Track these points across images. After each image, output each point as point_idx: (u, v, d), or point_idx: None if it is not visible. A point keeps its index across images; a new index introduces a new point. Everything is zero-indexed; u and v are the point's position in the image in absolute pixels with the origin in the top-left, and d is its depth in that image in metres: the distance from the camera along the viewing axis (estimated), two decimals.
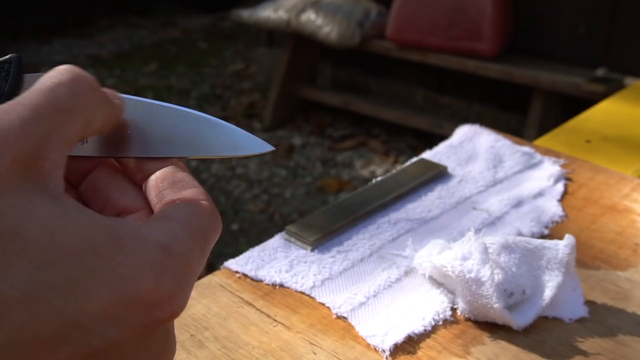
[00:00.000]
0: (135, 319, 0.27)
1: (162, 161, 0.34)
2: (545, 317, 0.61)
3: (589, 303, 0.63)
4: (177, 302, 0.28)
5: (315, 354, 0.57)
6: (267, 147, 0.34)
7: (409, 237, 0.71)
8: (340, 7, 3.10)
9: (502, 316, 0.58)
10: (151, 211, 0.33)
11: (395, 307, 0.62)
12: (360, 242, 0.71)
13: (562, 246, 0.62)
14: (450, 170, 0.84)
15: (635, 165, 0.94)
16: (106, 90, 0.31)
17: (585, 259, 0.70)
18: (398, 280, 0.65)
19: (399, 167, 0.85)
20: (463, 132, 0.92)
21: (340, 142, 3.24)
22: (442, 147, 0.90)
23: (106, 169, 0.34)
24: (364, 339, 0.58)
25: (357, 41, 3.02)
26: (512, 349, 0.58)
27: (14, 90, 0.31)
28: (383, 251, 0.69)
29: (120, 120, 0.33)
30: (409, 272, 0.66)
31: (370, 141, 3.23)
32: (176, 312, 0.28)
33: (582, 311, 0.62)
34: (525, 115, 2.85)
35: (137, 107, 0.33)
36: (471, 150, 0.89)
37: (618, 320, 0.61)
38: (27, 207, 0.26)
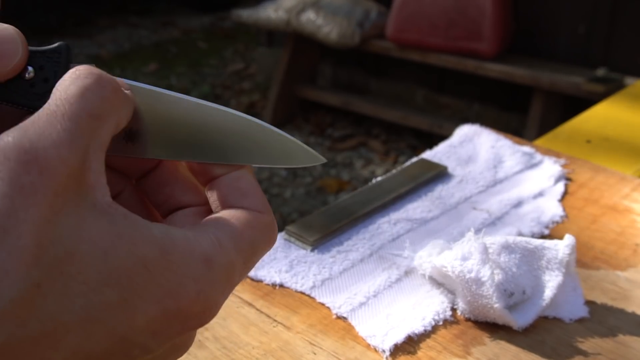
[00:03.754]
0: (173, 330, 0.28)
1: (229, 166, 0.33)
2: (545, 317, 0.61)
3: (589, 303, 0.63)
4: (211, 313, 0.29)
5: (315, 354, 0.57)
6: (320, 160, 0.34)
7: (408, 238, 0.71)
8: (340, 7, 3.09)
9: (502, 316, 0.58)
10: (210, 209, 0.33)
11: (395, 308, 0.62)
12: (360, 242, 0.71)
13: (562, 246, 0.62)
14: (450, 170, 0.84)
15: (635, 165, 0.94)
16: (118, 81, 0.30)
17: (586, 259, 0.70)
18: (398, 280, 0.65)
19: (399, 167, 0.85)
20: (463, 132, 0.92)
21: (340, 142, 3.24)
22: (442, 147, 0.90)
23: (170, 166, 0.34)
24: (364, 339, 0.58)
25: (357, 41, 3.02)
26: (512, 349, 0.58)
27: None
28: (383, 251, 0.69)
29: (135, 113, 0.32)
30: (409, 272, 0.66)
31: (370, 141, 3.23)
32: (207, 321, 0.29)
33: (582, 311, 0.62)
34: (525, 115, 2.85)
35: (195, 110, 0.33)
36: (471, 150, 0.89)
37: (618, 320, 0.61)
38: (82, 227, 0.25)
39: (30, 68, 0.31)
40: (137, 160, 0.34)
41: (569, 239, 0.62)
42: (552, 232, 0.74)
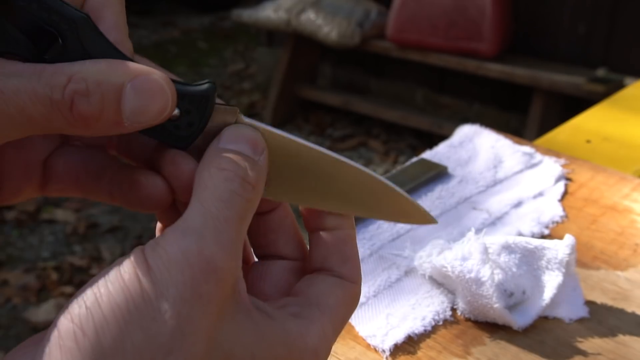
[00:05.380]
0: None
1: (339, 218, 0.35)
2: (545, 317, 0.61)
3: (589, 303, 0.63)
4: None
5: None
6: (434, 221, 0.36)
7: (408, 238, 0.71)
8: (340, 7, 3.10)
9: (502, 316, 0.58)
10: (302, 266, 0.35)
11: (395, 307, 0.62)
12: (360, 242, 0.71)
13: (562, 246, 0.62)
14: (450, 170, 0.84)
15: (635, 165, 0.94)
16: (257, 141, 0.31)
17: (585, 259, 0.70)
18: (398, 280, 0.65)
19: (399, 167, 0.85)
20: (463, 132, 0.92)
21: (340, 142, 3.24)
22: (442, 147, 0.90)
23: (282, 214, 0.36)
24: (364, 339, 0.58)
25: (357, 41, 3.02)
26: (512, 349, 0.58)
27: (206, 121, 0.32)
28: (383, 251, 0.69)
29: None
30: (409, 272, 0.66)
31: (370, 141, 3.23)
32: None
33: (582, 311, 0.62)
34: (525, 115, 2.85)
35: (323, 161, 0.34)
36: (471, 150, 0.89)
37: (618, 320, 0.61)
38: (236, 332, 0.28)
39: (177, 110, 0.31)
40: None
41: (569, 239, 0.62)
42: (552, 232, 0.74)
